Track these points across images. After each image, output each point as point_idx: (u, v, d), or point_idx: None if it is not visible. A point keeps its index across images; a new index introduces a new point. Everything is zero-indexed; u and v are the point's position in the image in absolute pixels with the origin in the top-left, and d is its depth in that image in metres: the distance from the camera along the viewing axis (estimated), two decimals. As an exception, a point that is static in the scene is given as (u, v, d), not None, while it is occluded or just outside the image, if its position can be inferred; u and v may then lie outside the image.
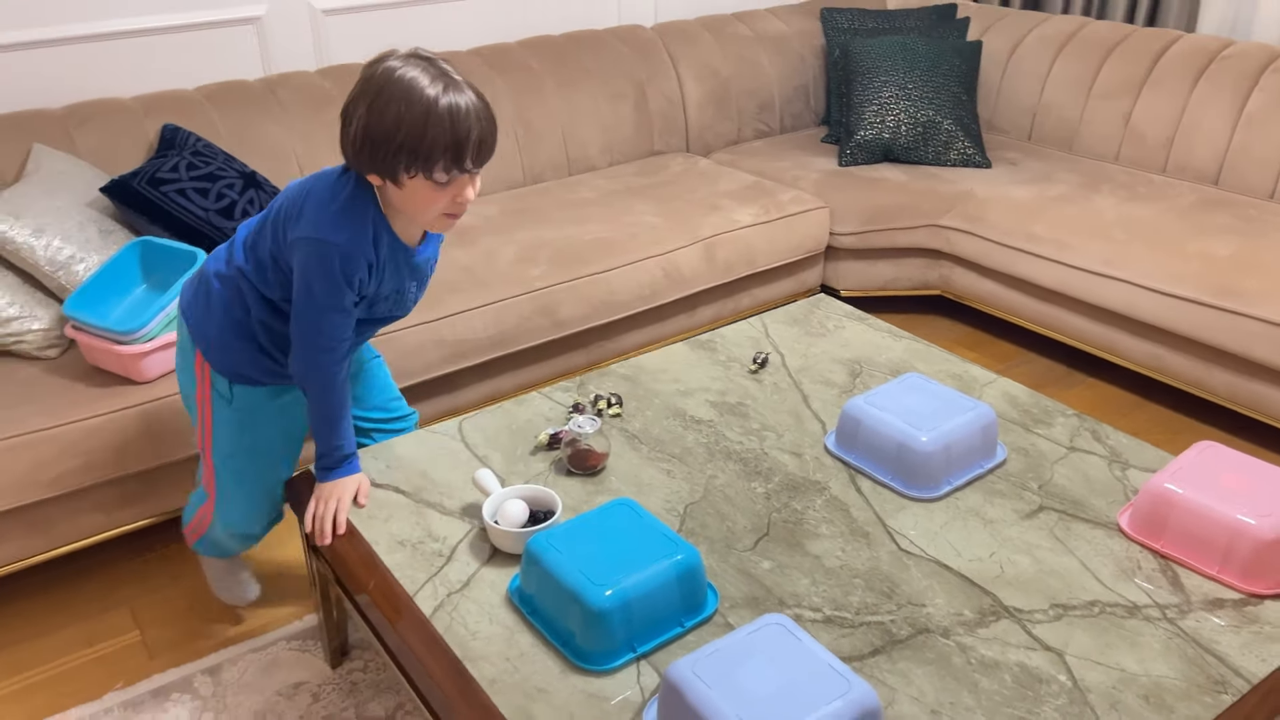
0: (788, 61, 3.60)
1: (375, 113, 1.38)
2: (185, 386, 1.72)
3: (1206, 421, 2.65)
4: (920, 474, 1.64)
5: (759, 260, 2.89)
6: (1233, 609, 1.41)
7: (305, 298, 1.52)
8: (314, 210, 1.49)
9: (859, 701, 1.15)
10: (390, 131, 1.38)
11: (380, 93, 1.38)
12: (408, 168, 1.41)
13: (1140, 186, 3.01)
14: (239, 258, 1.60)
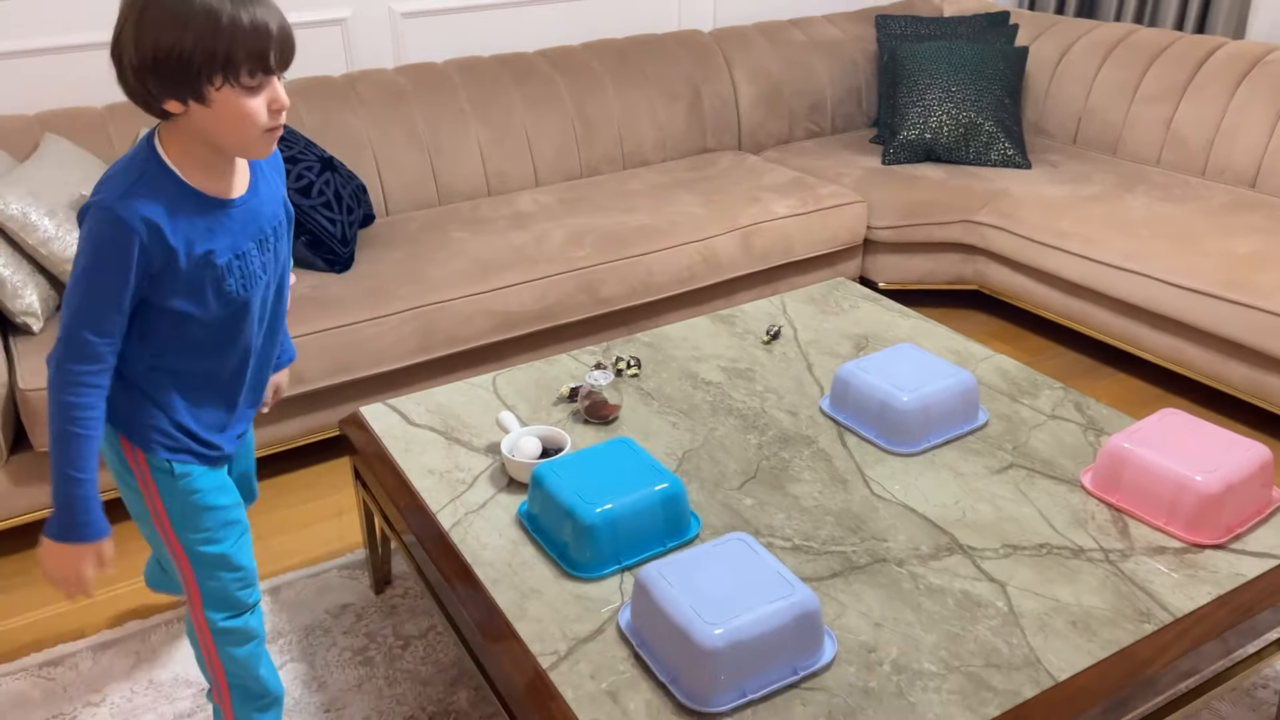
0: (840, 65, 3.75)
1: (155, 28, 1.18)
2: (125, 492, 1.52)
3: (1228, 415, 2.71)
4: (900, 431, 1.79)
5: (795, 250, 3.05)
6: (1173, 555, 1.53)
7: (73, 278, 1.28)
8: (99, 185, 1.29)
9: (801, 604, 1.32)
10: (178, 41, 1.18)
11: (149, 7, 1.19)
12: (210, 77, 1.20)
13: (1176, 188, 3.08)
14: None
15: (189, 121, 1.26)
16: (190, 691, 1.92)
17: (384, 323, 2.47)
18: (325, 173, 2.73)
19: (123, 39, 1.21)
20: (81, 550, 1.36)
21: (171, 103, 1.24)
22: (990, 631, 1.40)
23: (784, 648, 1.31)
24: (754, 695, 1.29)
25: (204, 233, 1.32)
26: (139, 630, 2.07)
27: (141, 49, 1.20)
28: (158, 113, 1.26)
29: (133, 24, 1.20)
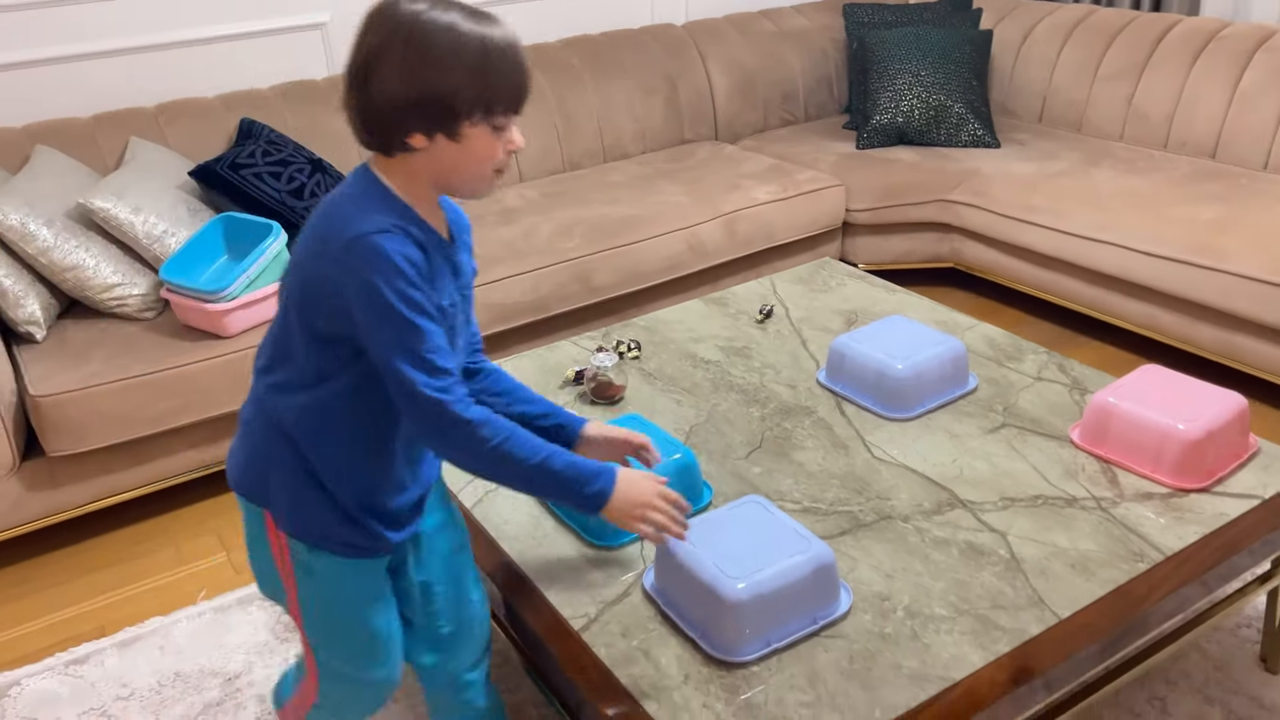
0: (810, 54, 3.83)
1: (425, 63, 1.14)
2: (271, 580, 1.36)
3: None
4: (896, 398, 1.88)
5: (777, 234, 3.13)
6: (1160, 500, 1.63)
7: (384, 323, 1.15)
8: (336, 222, 1.18)
9: (817, 557, 1.39)
10: (448, 77, 1.15)
11: (419, 42, 1.14)
12: (471, 114, 1.17)
13: (1140, 161, 3.19)
14: (267, 383, 1.28)
15: (426, 157, 1.20)
16: (218, 681, 1.96)
17: (384, 318, 2.52)
18: (316, 174, 2.78)
19: (381, 71, 1.14)
20: (623, 491, 1.29)
21: (418, 137, 1.18)
22: (995, 577, 1.48)
23: (804, 599, 1.39)
24: (778, 644, 1.37)
25: (439, 275, 1.24)
26: (161, 626, 2.11)
27: (407, 82, 1.14)
28: (394, 145, 1.19)
29: (397, 56, 1.14)
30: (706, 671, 1.34)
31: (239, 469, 1.32)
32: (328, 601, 1.32)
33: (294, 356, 1.24)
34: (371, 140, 1.20)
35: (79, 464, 2.29)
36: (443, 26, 1.14)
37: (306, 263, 1.21)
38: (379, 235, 1.15)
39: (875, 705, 1.28)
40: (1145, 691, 1.82)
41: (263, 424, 1.27)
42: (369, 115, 1.18)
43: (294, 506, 1.28)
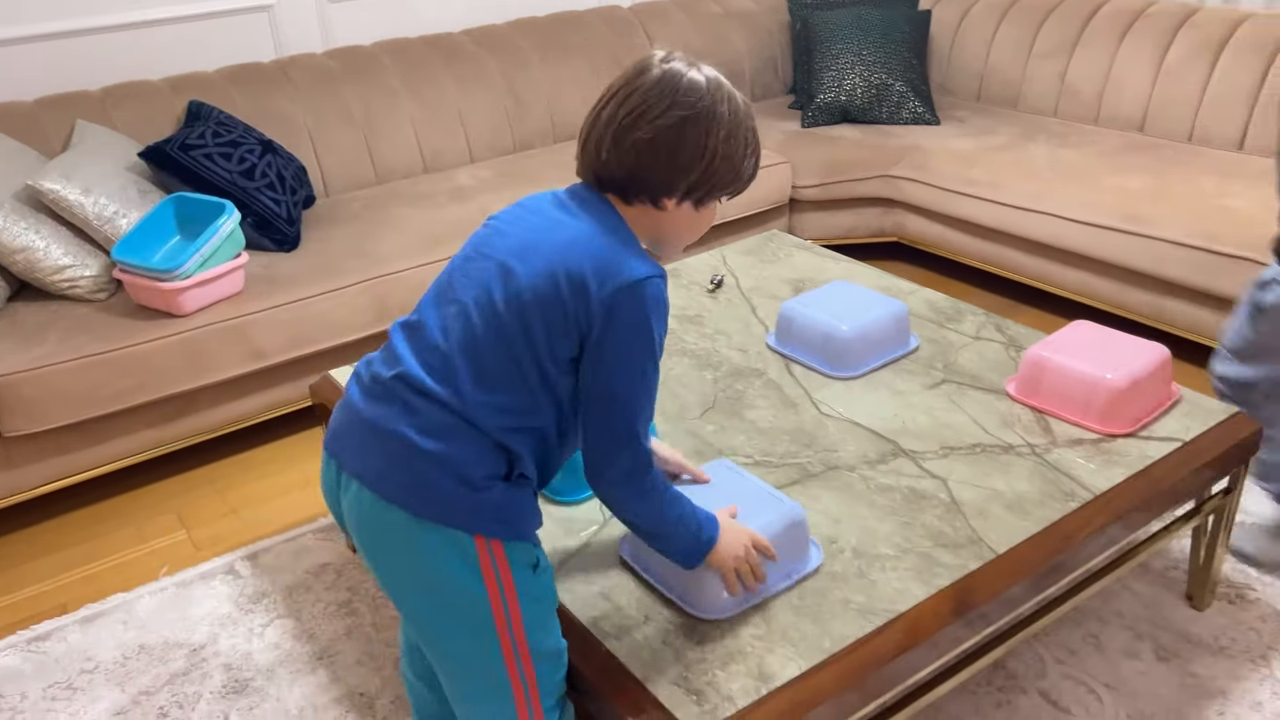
0: (756, 36, 3.90)
1: (736, 142, 1.25)
2: (459, 613, 1.24)
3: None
4: (842, 357, 1.95)
5: (726, 210, 3.19)
6: (1090, 445, 1.72)
7: (638, 368, 1.20)
8: (614, 251, 1.20)
9: (789, 514, 1.45)
10: (742, 160, 1.26)
11: (724, 113, 1.23)
12: (723, 192, 1.28)
13: (1073, 135, 3.31)
14: (489, 396, 1.20)
15: (662, 216, 1.27)
16: (183, 652, 1.99)
17: (337, 295, 2.55)
18: (266, 155, 2.79)
19: (683, 144, 1.21)
20: (724, 542, 1.34)
21: (672, 200, 1.25)
22: (936, 519, 1.56)
23: (780, 557, 1.43)
24: (755, 601, 1.41)
25: None
26: (123, 601, 2.13)
27: (710, 151, 1.22)
28: (645, 198, 1.25)
29: (722, 129, 1.22)
30: (667, 615, 1.40)
31: (438, 503, 1.19)
32: (546, 590, 1.30)
33: (522, 379, 1.20)
34: (620, 185, 1.24)
35: (36, 444, 2.29)
36: (741, 109, 1.25)
37: (558, 291, 1.18)
38: (659, 281, 1.21)
39: (825, 637, 1.35)
40: (1081, 629, 1.92)
41: (468, 441, 1.20)
42: (636, 168, 1.22)
43: (515, 510, 1.24)
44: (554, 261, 1.20)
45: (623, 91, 1.23)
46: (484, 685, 1.27)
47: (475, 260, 1.27)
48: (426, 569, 1.22)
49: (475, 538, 1.20)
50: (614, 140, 1.22)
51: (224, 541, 2.31)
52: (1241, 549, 2.06)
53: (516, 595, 1.23)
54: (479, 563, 1.21)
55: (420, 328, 1.25)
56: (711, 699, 1.27)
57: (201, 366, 2.39)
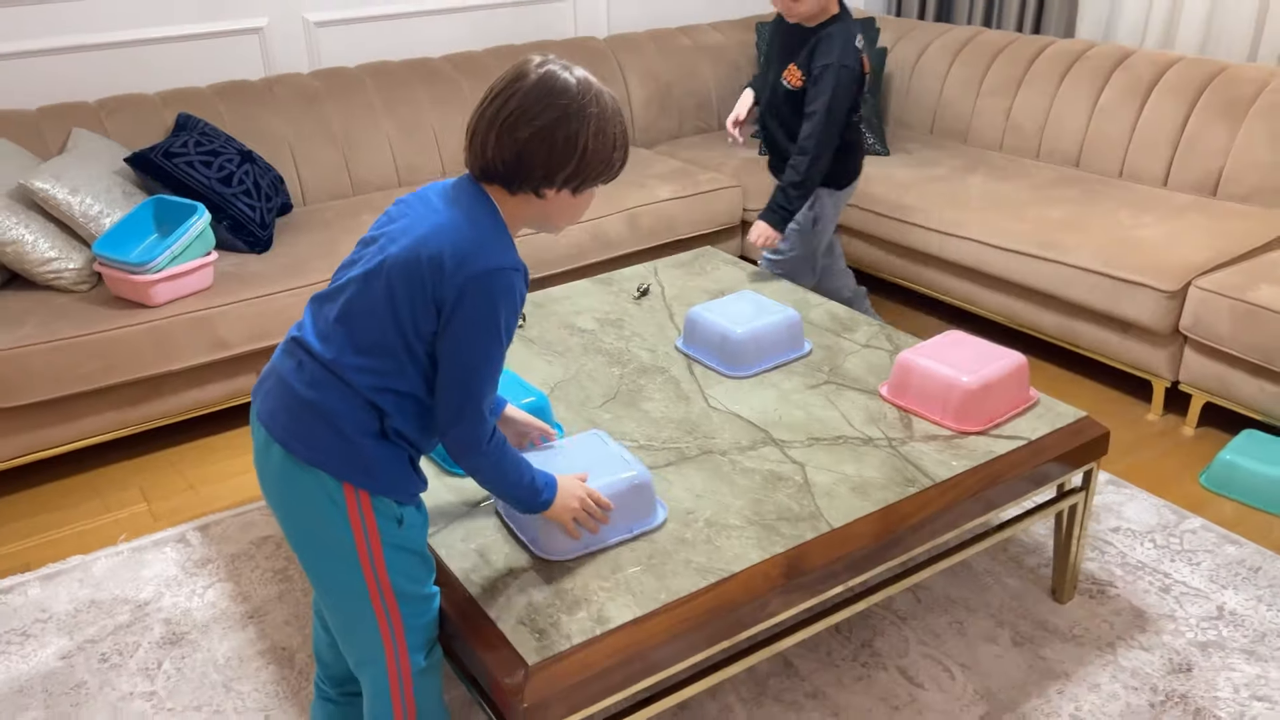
0: (724, 67, 4.12)
1: (604, 136, 1.38)
2: (329, 550, 1.41)
3: (1052, 360, 3.11)
4: (736, 358, 2.13)
5: (679, 229, 3.40)
6: (942, 441, 1.89)
7: (481, 348, 1.37)
8: (474, 241, 1.36)
9: (636, 477, 1.64)
10: (612, 151, 1.41)
11: (608, 120, 1.39)
12: (597, 180, 1.43)
13: (1012, 169, 3.49)
14: (357, 359, 1.37)
15: (544, 203, 1.41)
16: (129, 607, 2.18)
17: (299, 292, 2.76)
18: (245, 164, 3.01)
19: (553, 140, 1.35)
20: (559, 493, 1.53)
21: (551, 190, 1.39)
22: (787, 497, 1.73)
23: (622, 512, 1.62)
24: (594, 548, 1.60)
25: None
26: (81, 562, 2.33)
27: (582, 146, 1.36)
28: (526, 190, 1.39)
29: (592, 125, 1.36)
30: (531, 570, 1.58)
31: (312, 447, 1.37)
32: (411, 544, 1.45)
33: (388, 346, 1.37)
34: (504, 178, 1.39)
35: (11, 419, 2.50)
36: (611, 106, 1.40)
37: (419, 272, 1.34)
38: (512, 273, 1.36)
39: (662, 590, 1.53)
40: (948, 616, 2.08)
41: (341, 396, 1.37)
42: (518, 163, 1.37)
43: (384, 468, 1.40)
44: (420, 244, 1.36)
45: (504, 93, 1.39)
46: (354, 617, 1.45)
47: (368, 241, 1.46)
48: (303, 506, 1.41)
49: (344, 485, 1.38)
50: (497, 138, 1.37)
51: (180, 514, 2.51)
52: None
53: (380, 542, 1.41)
54: (346, 508, 1.39)
55: (324, 299, 1.45)
56: (551, 636, 1.45)
57: (168, 354, 2.60)
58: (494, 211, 1.42)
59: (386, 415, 1.40)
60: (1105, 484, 2.49)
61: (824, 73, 2.53)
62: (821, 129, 2.55)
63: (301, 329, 1.44)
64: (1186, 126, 3.19)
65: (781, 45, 2.68)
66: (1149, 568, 2.21)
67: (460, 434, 1.41)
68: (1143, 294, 2.67)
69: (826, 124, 2.55)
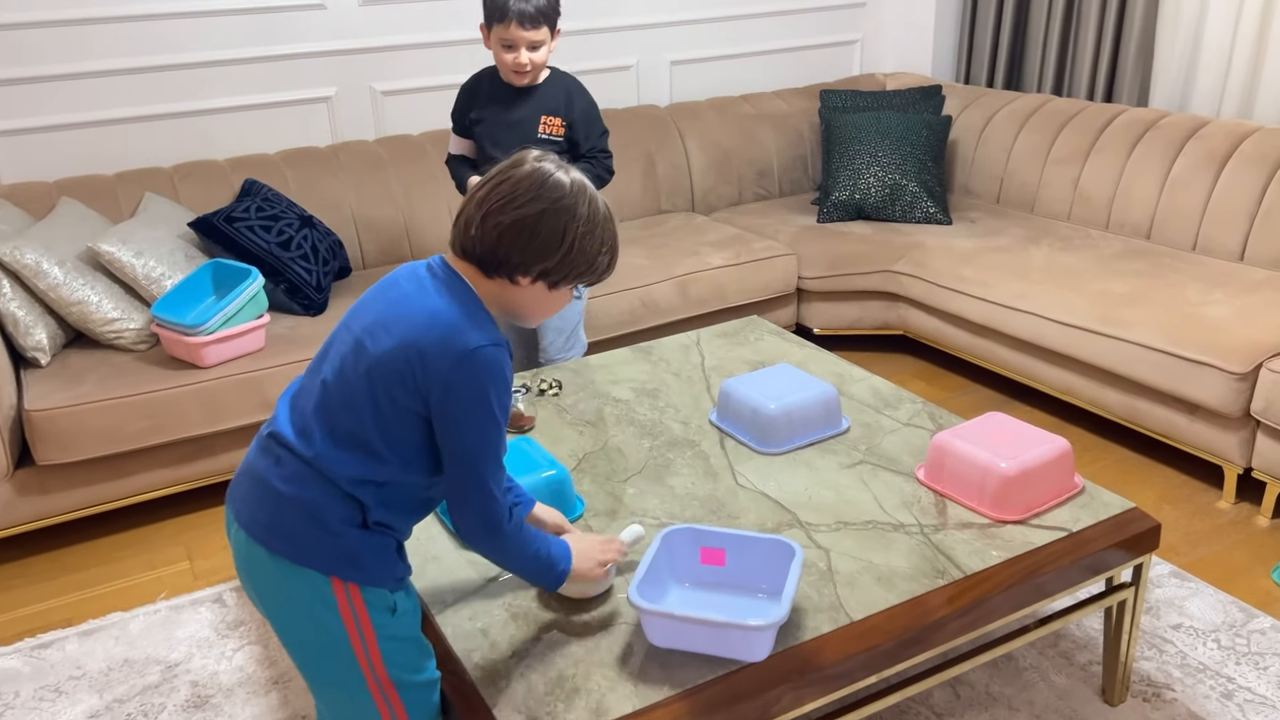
0: (786, 135, 4.11)
1: (593, 240, 1.40)
2: (322, 647, 1.40)
3: (1117, 440, 2.97)
4: (768, 434, 2.08)
5: (729, 297, 3.37)
6: (978, 529, 1.80)
7: (477, 430, 1.35)
8: (452, 325, 1.35)
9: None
10: (589, 260, 1.42)
11: (584, 213, 1.38)
12: (575, 279, 1.43)
13: (1078, 240, 3.38)
14: (337, 452, 1.36)
15: (516, 291, 1.41)
16: (159, 668, 2.20)
17: (347, 357, 2.80)
18: (304, 229, 3.09)
19: (539, 234, 1.35)
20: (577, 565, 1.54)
21: (526, 279, 1.39)
22: (807, 585, 1.67)
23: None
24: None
25: None
26: (120, 619, 2.36)
27: (569, 242, 1.37)
28: (502, 275, 1.39)
29: (581, 225, 1.38)
30: (534, 653, 1.54)
31: (295, 544, 1.36)
32: (405, 631, 1.44)
33: (367, 439, 1.36)
34: (480, 260, 1.39)
35: (67, 474, 2.57)
36: (604, 227, 1.42)
37: (400, 365, 1.34)
38: (493, 350, 1.35)
39: (666, 681, 1.47)
40: (988, 714, 1.97)
41: (322, 491, 1.36)
42: (497, 246, 1.37)
43: (371, 558, 1.39)
44: (402, 337, 1.35)
45: (496, 178, 1.40)
46: (355, 713, 1.43)
47: (340, 333, 1.44)
48: (292, 606, 1.39)
49: (332, 580, 1.36)
50: (481, 220, 1.38)
51: (220, 573, 2.54)
52: None
53: (375, 635, 1.39)
54: (336, 604, 1.37)
55: (298, 393, 1.45)
56: (546, 726, 1.40)
57: (216, 414, 2.65)
58: (468, 291, 1.41)
59: (367, 507, 1.39)
60: (1168, 576, 2.35)
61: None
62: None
63: (275, 424, 1.43)
64: (1264, 198, 3.06)
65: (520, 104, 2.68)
66: (1211, 670, 2.06)
67: (472, 520, 1.40)
68: (1210, 375, 2.54)
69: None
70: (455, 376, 1.33)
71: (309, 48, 3.50)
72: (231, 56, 3.39)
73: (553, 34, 2.58)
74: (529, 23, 2.48)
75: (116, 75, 3.23)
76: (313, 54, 3.52)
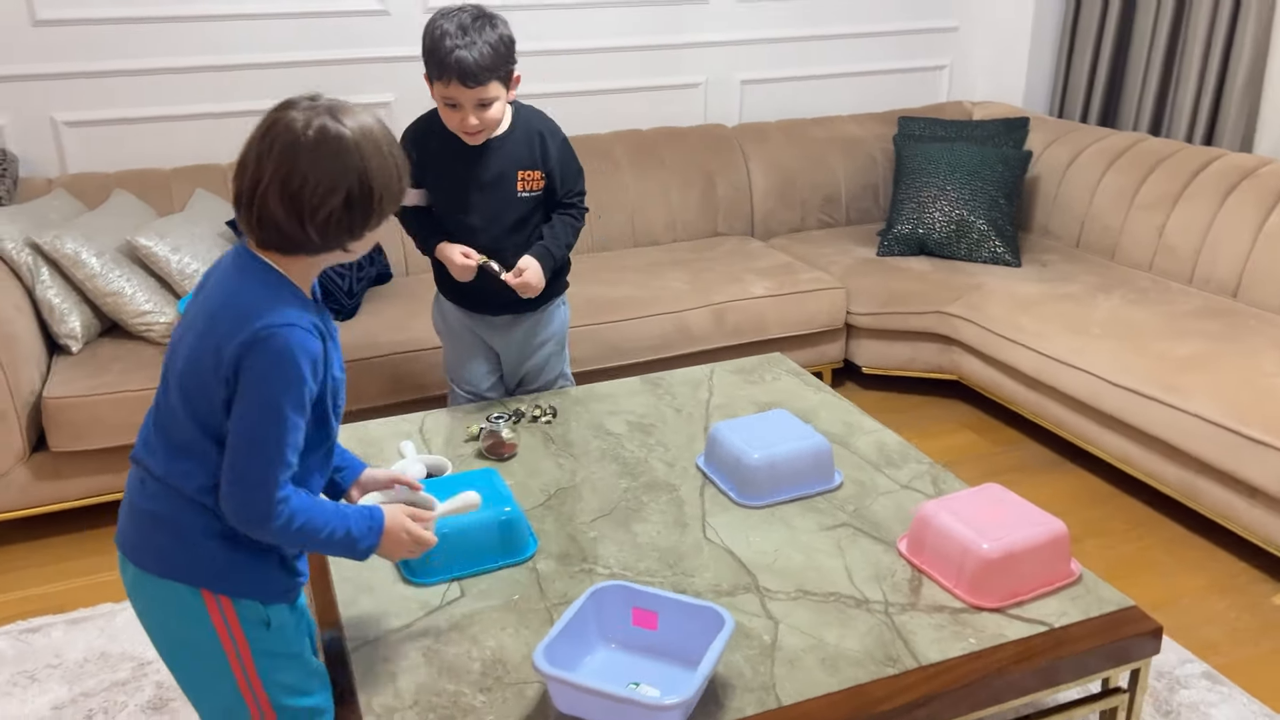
0: (858, 161, 3.93)
1: (365, 200, 1.33)
2: (200, 667, 1.38)
3: (1172, 516, 2.71)
4: (749, 485, 1.95)
5: (770, 328, 3.23)
6: (949, 614, 1.64)
7: (266, 415, 1.27)
8: (245, 310, 1.28)
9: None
10: (397, 184, 1.37)
11: (363, 187, 1.32)
12: (361, 232, 1.36)
13: (1154, 292, 3.11)
14: (178, 464, 1.32)
15: (320, 259, 1.37)
16: (130, 665, 2.21)
17: (360, 364, 2.79)
18: (342, 233, 3.09)
19: (327, 197, 1.29)
20: (386, 535, 1.44)
21: (357, 242, 1.36)
22: (743, 659, 1.54)
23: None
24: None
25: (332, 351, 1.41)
26: (108, 611, 2.39)
27: (377, 197, 1.33)
28: (334, 248, 1.34)
29: (341, 205, 1.30)
30: (435, 706, 1.46)
31: (161, 558, 1.34)
32: (284, 648, 1.40)
33: (198, 445, 1.31)
34: (302, 245, 1.32)
35: (81, 461, 2.63)
36: (392, 158, 1.36)
37: (201, 364, 1.29)
38: (284, 330, 1.27)
39: (561, 752, 1.37)
40: (959, 814, 1.79)
41: (177, 504, 1.34)
42: (325, 232, 1.31)
43: (239, 569, 1.35)
44: (202, 335, 1.30)
45: (279, 158, 1.29)
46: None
47: (169, 347, 1.40)
48: (168, 622, 1.37)
49: (203, 592, 1.33)
50: (259, 211, 1.29)
51: (215, 573, 2.54)
52: None
53: (250, 650, 1.36)
54: (209, 615, 1.34)
55: (149, 410, 1.42)
56: (422, 789, 1.32)
57: (227, 413, 2.67)
58: (267, 271, 1.33)
59: (219, 515, 1.33)
60: (1199, 677, 2.11)
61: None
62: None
63: (135, 445, 1.41)
64: (1366, 261, 2.75)
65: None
66: (1226, 793, 1.84)
67: (235, 509, 1.30)
68: (1272, 457, 2.28)
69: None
70: (244, 361, 1.26)
71: (371, 53, 3.53)
72: (295, 59, 3.43)
73: (508, 85, 2.17)
74: (471, 80, 2.05)
75: (182, 73, 3.31)
76: (374, 59, 3.54)
